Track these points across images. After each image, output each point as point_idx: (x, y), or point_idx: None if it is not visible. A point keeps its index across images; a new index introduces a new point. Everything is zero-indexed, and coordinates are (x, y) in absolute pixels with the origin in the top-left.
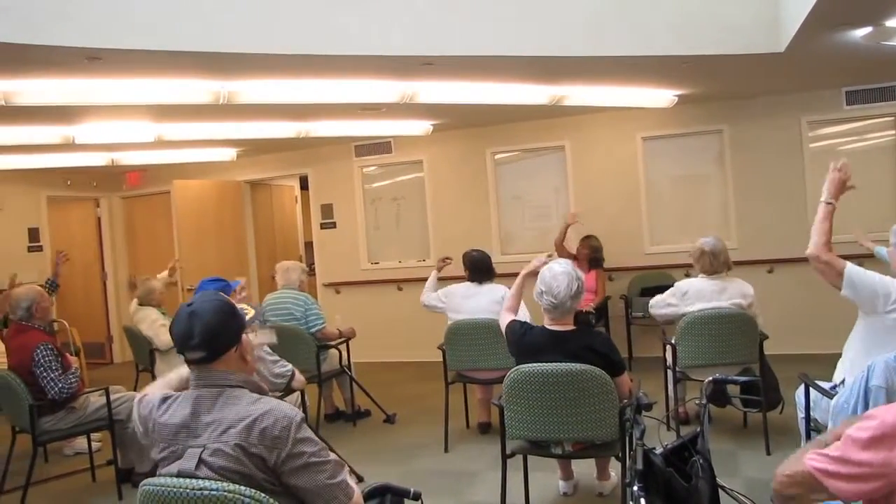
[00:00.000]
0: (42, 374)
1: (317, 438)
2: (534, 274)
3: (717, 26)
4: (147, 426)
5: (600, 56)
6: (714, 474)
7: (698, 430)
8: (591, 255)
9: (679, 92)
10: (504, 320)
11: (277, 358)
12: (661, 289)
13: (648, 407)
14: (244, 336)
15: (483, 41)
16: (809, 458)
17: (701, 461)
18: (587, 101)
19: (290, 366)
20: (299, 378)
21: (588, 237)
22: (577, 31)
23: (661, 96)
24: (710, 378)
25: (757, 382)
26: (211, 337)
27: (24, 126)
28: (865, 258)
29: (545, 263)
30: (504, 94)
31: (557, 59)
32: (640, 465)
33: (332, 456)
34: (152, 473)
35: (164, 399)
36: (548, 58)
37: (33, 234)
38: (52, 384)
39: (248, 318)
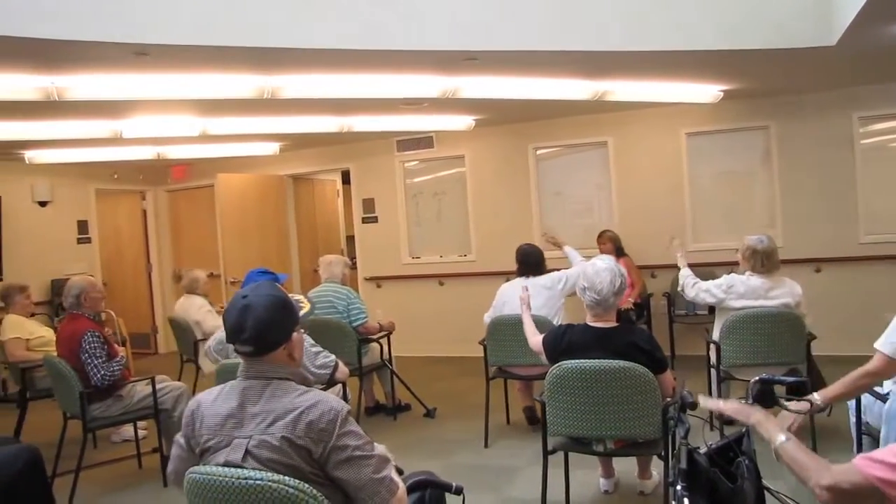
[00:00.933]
0: (87, 360)
1: (362, 432)
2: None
3: (765, 20)
4: (193, 419)
5: (644, 51)
6: (760, 476)
7: (744, 430)
8: (614, 247)
9: (724, 87)
10: (535, 340)
11: (321, 349)
12: None
13: (693, 405)
14: (294, 334)
15: (527, 36)
16: (866, 467)
17: (746, 462)
18: (630, 97)
19: (332, 357)
20: (343, 369)
21: (603, 232)
22: (621, 26)
23: (706, 92)
24: (757, 378)
25: (805, 383)
26: (261, 333)
27: (75, 121)
28: None
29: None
30: (547, 90)
31: (601, 53)
32: (683, 465)
33: (378, 450)
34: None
35: (212, 390)
36: (591, 52)
37: (82, 226)
38: (95, 371)
39: (303, 313)
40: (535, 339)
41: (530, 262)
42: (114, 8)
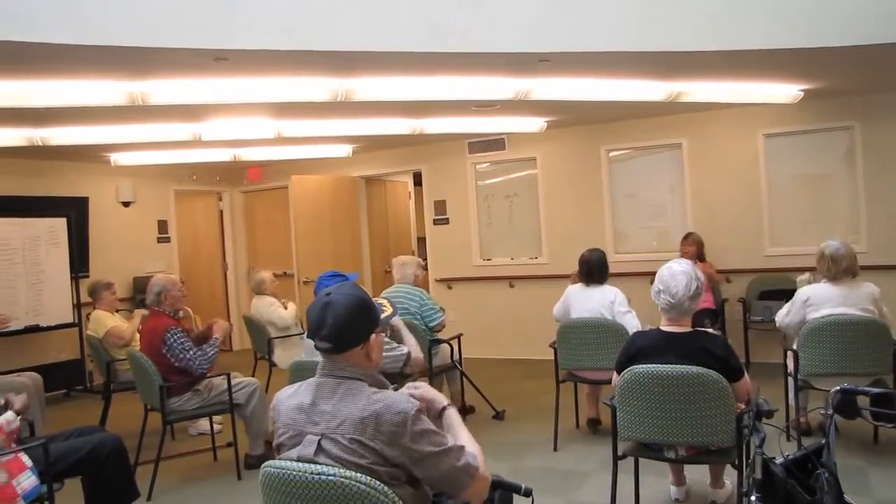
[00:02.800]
0: (180, 355)
1: (433, 427)
2: None
3: (850, 16)
4: (273, 414)
5: (722, 51)
6: (841, 490)
7: (823, 441)
8: (698, 252)
9: (805, 86)
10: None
11: (394, 345)
12: (781, 292)
13: (769, 414)
14: (373, 336)
15: (601, 37)
16: None
17: (826, 475)
18: (706, 98)
19: (404, 348)
20: (417, 358)
21: (689, 234)
22: (698, 26)
23: (786, 91)
24: (838, 388)
25: (891, 394)
26: (340, 332)
27: (157, 124)
28: None
29: None
30: (620, 91)
31: (677, 54)
32: (759, 475)
33: (450, 441)
34: (264, 456)
35: (291, 387)
36: (667, 53)
37: (162, 226)
38: (192, 361)
39: (384, 316)
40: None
41: (591, 271)
42: (195, 16)
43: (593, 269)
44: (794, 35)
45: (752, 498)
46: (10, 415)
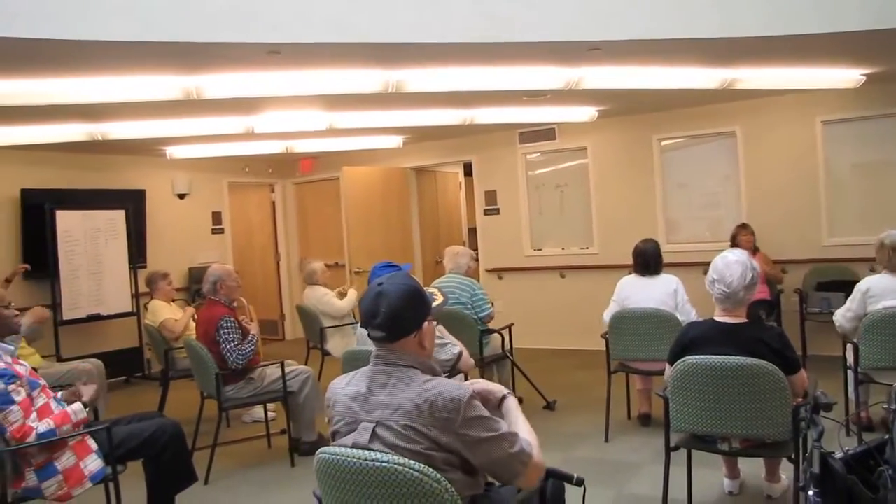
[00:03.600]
0: (223, 344)
1: (487, 413)
2: None
3: None
4: (329, 402)
5: (782, 35)
6: None
7: (886, 437)
8: (754, 242)
9: (867, 71)
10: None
11: (446, 341)
12: (839, 283)
13: (828, 407)
14: (426, 324)
15: (652, 24)
16: None
17: (890, 472)
18: (761, 84)
19: (458, 348)
20: (467, 361)
21: (744, 225)
22: (755, 10)
23: (847, 76)
24: None
25: None
26: (393, 320)
27: (211, 117)
28: None
29: None
30: (672, 79)
31: (733, 40)
32: (816, 469)
33: (504, 427)
34: (316, 444)
35: (346, 375)
36: (723, 39)
37: (216, 217)
38: (230, 354)
39: (436, 304)
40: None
41: (647, 262)
42: (249, 10)
43: (649, 260)
44: (859, 17)
45: (810, 493)
46: (77, 406)
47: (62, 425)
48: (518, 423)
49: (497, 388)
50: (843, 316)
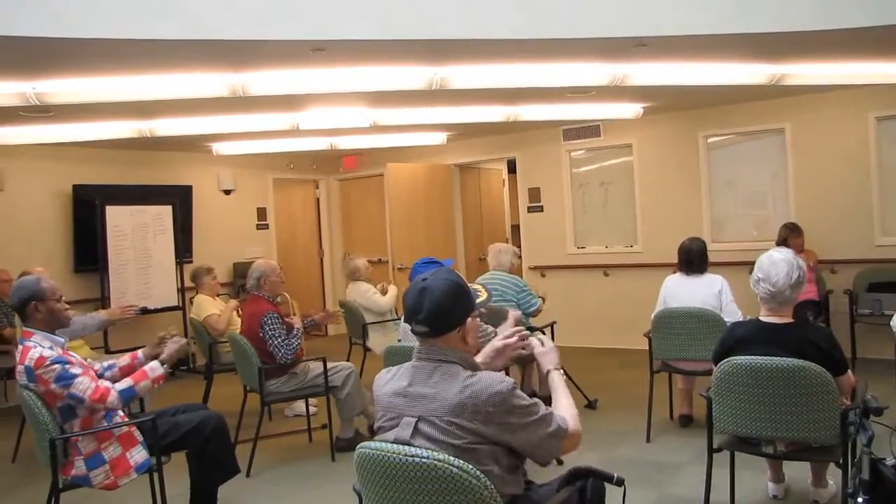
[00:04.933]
0: (269, 340)
1: (528, 401)
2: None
3: None
4: (374, 397)
5: (836, 29)
6: None
7: None
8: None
9: None
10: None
11: (484, 327)
12: (893, 284)
13: (878, 411)
14: (469, 319)
15: (700, 19)
16: None
17: None
18: (812, 80)
19: (491, 329)
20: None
21: (794, 226)
22: (803, 4)
23: None
24: None
25: None
26: (437, 315)
27: (257, 114)
28: None
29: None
30: (720, 75)
31: (783, 35)
32: (866, 475)
33: (542, 409)
34: (354, 440)
35: (389, 370)
36: (772, 34)
37: (261, 213)
38: (277, 349)
39: (479, 300)
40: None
41: (692, 261)
42: (294, 8)
43: (694, 258)
44: None
45: (860, 500)
46: (155, 363)
47: (139, 382)
48: (560, 397)
49: (547, 362)
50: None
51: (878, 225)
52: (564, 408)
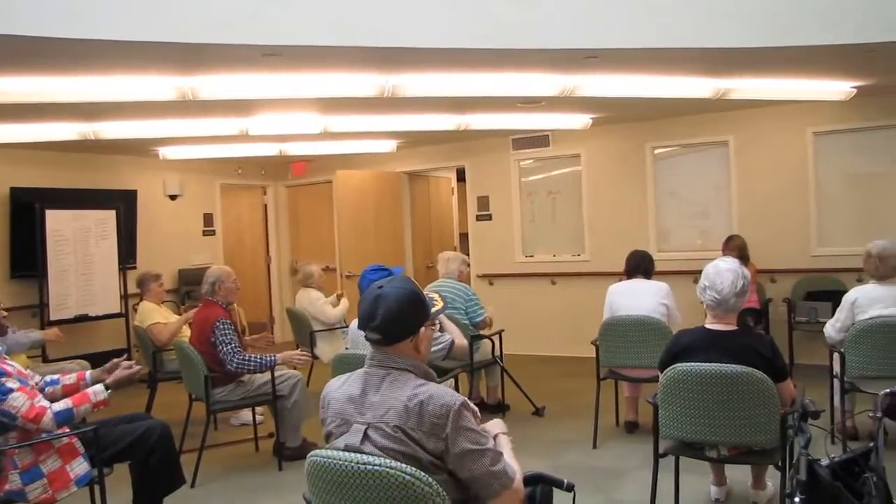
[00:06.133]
0: (220, 347)
1: (476, 426)
2: None
3: None
4: (323, 403)
5: (775, 47)
6: (890, 495)
7: (872, 445)
8: (740, 254)
9: (859, 83)
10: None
11: (437, 334)
12: (828, 293)
13: (816, 415)
14: (423, 329)
15: (651, 33)
16: None
17: (875, 479)
18: (755, 95)
19: (447, 336)
20: (460, 344)
21: (731, 237)
22: (750, 21)
23: (838, 88)
24: (888, 390)
25: None
26: (390, 323)
27: (205, 118)
28: None
29: None
30: (667, 88)
31: (729, 50)
32: (803, 476)
33: (491, 444)
34: (300, 449)
35: (341, 377)
36: (719, 49)
37: (208, 219)
38: (228, 357)
39: (434, 309)
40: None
41: (639, 265)
42: (246, 12)
43: (640, 262)
44: (849, 31)
45: (796, 500)
46: (99, 387)
47: (80, 405)
48: (506, 452)
49: (492, 426)
50: (832, 327)
51: (814, 236)
52: (512, 462)
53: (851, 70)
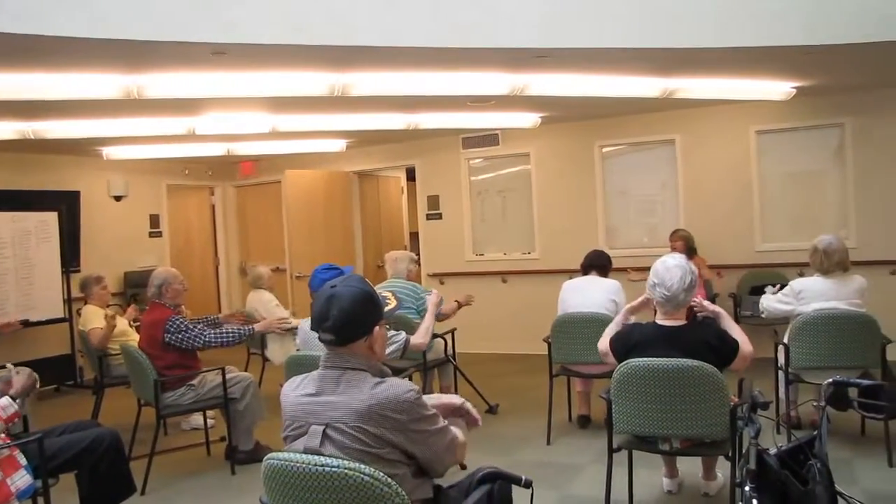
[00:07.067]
0: (184, 337)
1: (432, 411)
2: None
3: (850, 12)
4: (281, 407)
5: (726, 48)
6: (832, 480)
7: (816, 433)
8: (686, 247)
9: (798, 84)
10: (604, 343)
11: (391, 333)
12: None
13: (765, 406)
14: (377, 328)
15: (600, 33)
16: None
17: (818, 465)
18: (700, 94)
19: (402, 335)
20: (416, 341)
21: (676, 231)
22: (696, 22)
23: (779, 88)
24: (831, 380)
25: (882, 386)
26: (344, 324)
27: (151, 118)
28: None
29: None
30: (616, 87)
31: (675, 50)
32: (753, 465)
33: (441, 421)
34: (253, 452)
35: (295, 379)
36: (665, 49)
37: (154, 220)
38: (199, 339)
39: (388, 309)
40: (604, 341)
41: (594, 264)
42: (194, 9)
43: (594, 260)
44: (791, 33)
45: (746, 488)
46: (5, 400)
47: None
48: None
49: (452, 400)
50: (772, 297)
51: (758, 232)
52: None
53: (791, 71)
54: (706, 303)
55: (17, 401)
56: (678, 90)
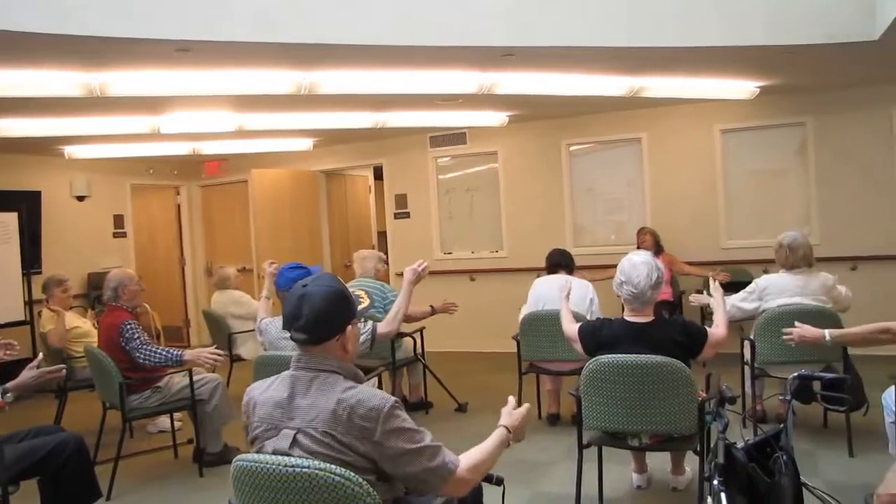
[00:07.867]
0: (131, 347)
1: (411, 424)
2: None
3: (810, 14)
4: (248, 407)
5: (691, 47)
6: (798, 472)
7: (781, 426)
8: (654, 243)
9: (762, 83)
10: (572, 328)
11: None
12: (736, 284)
13: (732, 400)
14: (349, 327)
15: (567, 31)
16: None
17: (784, 458)
18: (666, 93)
19: (368, 324)
20: (383, 329)
21: (642, 228)
22: (661, 22)
23: (743, 88)
24: (796, 374)
25: (845, 380)
26: (316, 323)
27: (115, 116)
28: None
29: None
30: (583, 86)
31: (640, 49)
32: (721, 459)
33: (427, 439)
34: (222, 454)
35: (266, 380)
36: (630, 49)
37: (118, 220)
38: (139, 352)
39: (361, 307)
40: (571, 326)
41: (559, 263)
42: (158, 5)
43: (560, 259)
44: (754, 33)
45: (715, 482)
46: None
47: None
48: (481, 445)
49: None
50: (737, 300)
51: (723, 229)
52: (472, 452)
53: (756, 71)
54: (699, 296)
55: (8, 395)
56: (644, 89)
